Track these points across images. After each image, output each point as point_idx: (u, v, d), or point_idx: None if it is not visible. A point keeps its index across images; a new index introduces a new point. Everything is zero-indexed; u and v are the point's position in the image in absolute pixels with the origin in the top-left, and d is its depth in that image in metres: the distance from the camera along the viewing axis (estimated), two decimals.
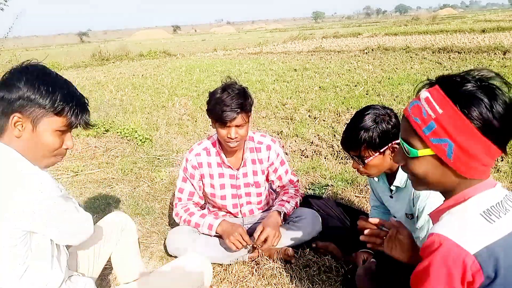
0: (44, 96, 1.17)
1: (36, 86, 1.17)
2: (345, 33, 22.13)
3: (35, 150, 1.21)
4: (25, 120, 1.18)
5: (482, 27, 16.85)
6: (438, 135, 0.92)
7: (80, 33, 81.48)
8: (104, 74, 11.60)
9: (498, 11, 56.00)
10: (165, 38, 48.03)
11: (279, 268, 2.07)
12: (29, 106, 1.17)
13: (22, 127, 1.18)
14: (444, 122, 0.91)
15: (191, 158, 2.23)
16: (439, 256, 0.90)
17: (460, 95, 0.90)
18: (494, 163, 0.97)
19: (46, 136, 1.21)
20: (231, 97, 1.96)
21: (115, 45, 23.85)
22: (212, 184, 2.27)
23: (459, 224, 0.93)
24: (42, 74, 1.22)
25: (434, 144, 0.93)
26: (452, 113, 0.90)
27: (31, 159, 1.21)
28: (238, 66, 11.00)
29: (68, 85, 1.27)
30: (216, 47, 19.59)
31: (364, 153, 1.68)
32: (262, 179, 2.30)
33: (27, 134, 1.19)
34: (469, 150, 0.91)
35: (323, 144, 4.08)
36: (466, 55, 9.51)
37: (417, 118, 0.95)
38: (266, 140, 2.28)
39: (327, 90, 6.73)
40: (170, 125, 5.30)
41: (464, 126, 0.89)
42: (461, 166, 0.93)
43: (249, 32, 51.27)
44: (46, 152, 1.23)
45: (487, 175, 0.98)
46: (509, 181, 2.91)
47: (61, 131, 1.24)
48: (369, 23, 46.59)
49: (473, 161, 0.92)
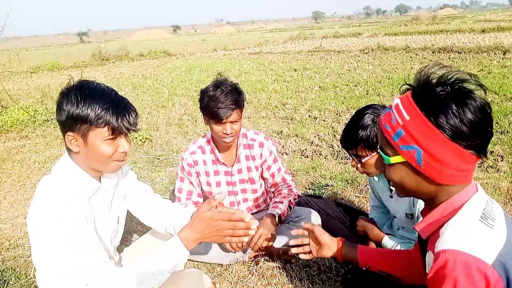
0: (83, 112, 1.23)
1: (75, 103, 1.24)
2: (345, 33, 22.15)
3: (95, 160, 1.31)
4: (77, 137, 1.27)
5: (482, 27, 16.89)
6: (406, 142, 0.91)
7: (80, 33, 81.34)
8: (104, 74, 11.61)
9: (498, 11, 56.03)
10: (165, 38, 48.04)
11: (279, 268, 2.07)
12: (75, 124, 1.25)
13: (77, 143, 1.28)
14: (411, 129, 0.90)
15: (186, 157, 2.25)
16: (462, 273, 0.83)
17: (428, 101, 0.89)
18: (473, 167, 0.92)
19: (98, 147, 1.28)
20: (225, 93, 1.97)
21: (115, 45, 23.87)
22: (209, 182, 2.28)
23: (467, 235, 0.88)
24: (80, 90, 1.26)
25: (403, 151, 0.93)
26: (419, 120, 0.89)
27: (94, 167, 1.34)
28: (238, 66, 11.00)
29: (105, 94, 1.29)
30: (216, 47, 19.60)
31: (361, 152, 1.69)
32: (257, 175, 2.30)
33: (83, 149, 1.29)
34: (438, 156, 0.89)
35: (323, 144, 4.08)
36: (466, 55, 9.52)
37: (387, 126, 0.96)
38: (259, 137, 2.28)
39: (327, 90, 6.73)
40: (170, 125, 5.30)
41: (431, 132, 0.88)
42: (433, 173, 0.92)
43: (249, 32, 51.27)
44: (104, 160, 1.31)
45: (468, 180, 0.95)
46: (509, 181, 2.91)
47: (110, 139, 1.29)
48: (369, 23, 46.60)
49: (444, 167, 0.90)
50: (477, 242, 0.86)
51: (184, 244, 1.32)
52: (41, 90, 8.95)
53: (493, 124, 0.92)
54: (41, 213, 1.23)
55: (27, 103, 6.79)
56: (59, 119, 1.27)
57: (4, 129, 5.21)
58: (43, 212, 1.23)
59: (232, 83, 2.06)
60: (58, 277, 1.21)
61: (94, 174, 1.38)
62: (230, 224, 1.33)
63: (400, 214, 1.84)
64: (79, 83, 1.30)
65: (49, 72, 13.87)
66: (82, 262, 1.22)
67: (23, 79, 11.44)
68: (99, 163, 1.32)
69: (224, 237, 1.34)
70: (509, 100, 5.08)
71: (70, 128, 1.26)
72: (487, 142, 0.91)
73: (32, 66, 15.02)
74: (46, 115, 5.82)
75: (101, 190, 1.43)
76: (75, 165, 1.33)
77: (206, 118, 2.07)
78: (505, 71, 6.97)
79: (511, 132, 3.92)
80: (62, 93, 1.28)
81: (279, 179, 2.34)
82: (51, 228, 1.21)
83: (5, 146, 4.62)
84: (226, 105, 1.95)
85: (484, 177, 3.02)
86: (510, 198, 2.68)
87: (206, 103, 2.00)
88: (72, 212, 1.25)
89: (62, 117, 1.26)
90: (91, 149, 1.28)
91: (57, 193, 1.27)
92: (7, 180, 3.64)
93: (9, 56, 11.55)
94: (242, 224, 1.33)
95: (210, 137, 2.24)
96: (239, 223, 1.33)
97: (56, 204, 1.24)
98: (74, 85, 1.29)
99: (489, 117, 0.90)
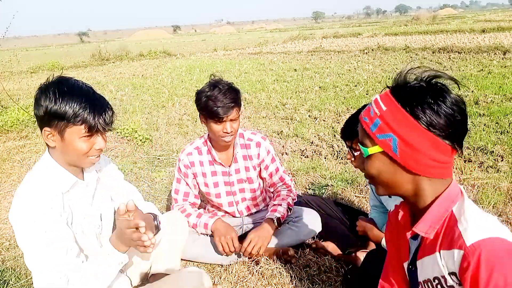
0: (61, 109, 1.26)
1: (53, 100, 1.26)
2: (345, 33, 22.13)
3: (70, 156, 1.35)
4: (53, 132, 1.30)
5: (482, 27, 16.87)
6: (383, 130, 0.95)
7: (80, 33, 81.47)
8: (104, 74, 11.61)
9: (498, 11, 56.00)
10: (165, 38, 48.03)
11: (279, 268, 2.07)
12: (53, 120, 1.28)
13: (54, 138, 1.31)
14: (387, 117, 0.94)
15: (183, 158, 2.25)
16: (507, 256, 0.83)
17: (404, 93, 0.94)
18: (450, 160, 0.94)
19: (74, 144, 1.31)
20: (223, 92, 1.98)
21: (115, 45, 23.87)
22: (206, 183, 2.27)
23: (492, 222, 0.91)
24: (58, 87, 1.28)
25: (380, 140, 0.96)
26: (394, 109, 0.93)
27: (70, 162, 1.38)
28: (238, 66, 11.00)
29: (83, 91, 1.31)
30: (216, 47, 19.59)
31: (356, 145, 1.70)
32: (255, 175, 2.30)
33: (59, 144, 1.32)
34: (413, 143, 0.91)
35: (323, 144, 4.08)
36: (466, 55, 9.52)
37: (366, 118, 1.00)
38: (256, 137, 2.28)
39: (327, 90, 6.73)
40: (170, 125, 5.30)
41: (406, 120, 0.91)
42: (409, 161, 0.93)
43: (249, 32, 51.28)
44: (80, 156, 1.34)
45: (448, 175, 0.96)
46: (509, 181, 2.91)
47: (86, 136, 1.31)
48: (369, 23, 46.59)
49: (419, 155, 0.92)
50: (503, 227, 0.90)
51: (113, 246, 1.39)
52: None
53: (467, 119, 0.94)
54: (19, 211, 1.28)
55: (27, 103, 6.78)
56: (36, 113, 1.30)
57: (4, 129, 5.21)
58: (21, 211, 1.28)
59: (228, 82, 2.07)
60: (41, 274, 1.30)
61: (72, 169, 1.41)
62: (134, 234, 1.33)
63: None
64: (58, 79, 1.32)
65: (49, 72, 13.83)
66: (61, 259, 1.30)
67: (23, 79, 11.44)
68: (75, 158, 1.36)
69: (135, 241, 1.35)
70: (509, 100, 5.08)
71: (48, 124, 1.29)
72: (462, 134, 0.93)
73: (32, 66, 15.02)
74: None
75: (80, 185, 1.45)
76: (53, 161, 1.37)
77: (204, 118, 2.07)
78: (505, 71, 6.97)
79: (511, 132, 3.92)
80: (41, 88, 1.31)
81: (277, 179, 2.34)
82: (29, 227, 1.27)
83: (5, 146, 4.62)
84: (225, 104, 1.96)
85: (484, 177, 3.02)
86: (510, 198, 2.67)
87: (205, 103, 1.99)
88: (48, 209, 1.30)
89: (40, 112, 1.28)
90: (67, 145, 1.31)
91: (34, 189, 1.31)
92: (7, 180, 3.64)
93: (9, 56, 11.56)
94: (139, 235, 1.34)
95: (207, 138, 2.24)
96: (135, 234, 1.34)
97: (32, 202, 1.29)
98: (52, 81, 1.32)
99: (463, 111, 0.92)
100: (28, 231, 1.27)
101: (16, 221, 1.29)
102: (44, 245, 1.28)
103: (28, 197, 1.30)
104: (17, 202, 1.30)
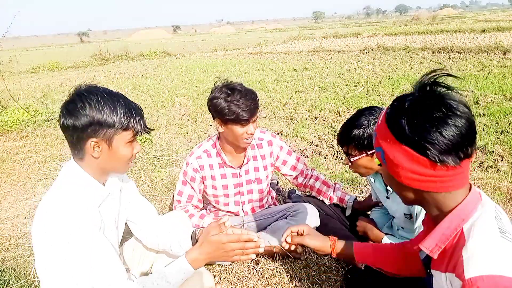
0: (110, 117, 1.24)
1: (100, 109, 1.23)
2: (345, 33, 22.14)
3: (115, 164, 1.33)
4: (100, 142, 1.27)
5: (482, 27, 16.88)
6: (376, 143, 1.01)
7: (80, 33, 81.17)
8: (104, 74, 11.61)
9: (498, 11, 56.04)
10: (165, 38, 48.05)
11: (279, 268, 2.07)
12: (100, 129, 1.25)
13: (100, 149, 1.27)
14: (378, 131, 1.00)
15: (192, 161, 2.21)
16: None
17: (391, 105, 0.97)
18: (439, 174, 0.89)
19: (121, 150, 1.31)
20: (244, 95, 1.95)
21: (115, 45, 23.87)
22: (214, 186, 2.26)
23: (496, 256, 0.85)
24: (100, 95, 1.26)
25: (376, 152, 1.02)
26: (382, 122, 0.98)
27: (112, 170, 1.36)
28: (238, 66, 11.01)
29: (121, 98, 1.30)
30: (216, 47, 19.60)
31: (351, 151, 1.72)
32: (264, 175, 2.30)
33: (104, 153, 1.29)
34: (392, 158, 0.95)
35: (323, 144, 4.08)
36: (466, 55, 9.52)
37: (375, 128, 1.05)
38: (266, 136, 2.29)
39: (327, 90, 6.73)
40: (170, 125, 5.30)
41: (385, 133, 0.95)
42: (394, 174, 0.97)
43: (249, 32, 51.26)
44: (123, 162, 1.34)
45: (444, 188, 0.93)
46: (509, 181, 2.91)
47: (130, 141, 1.32)
48: (369, 23, 46.60)
49: (398, 168, 0.94)
50: (508, 261, 0.84)
51: (192, 266, 1.36)
52: (42, 90, 8.97)
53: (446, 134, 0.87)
54: (55, 228, 1.17)
55: (27, 103, 6.79)
56: (76, 124, 1.22)
57: (4, 129, 5.22)
58: (57, 228, 1.17)
59: (240, 83, 2.05)
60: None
61: (101, 181, 1.37)
62: (239, 245, 1.37)
63: (399, 214, 1.85)
64: (91, 88, 1.28)
65: (49, 72, 13.87)
66: (102, 281, 1.20)
67: (23, 79, 11.44)
68: (117, 166, 1.34)
69: (232, 256, 1.38)
70: (509, 100, 5.08)
71: (93, 134, 1.24)
72: (440, 150, 0.87)
73: (32, 66, 15.04)
74: (46, 115, 5.83)
75: (109, 198, 1.42)
76: (84, 172, 1.31)
77: (223, 122, 1.99)
78: (505, 71, 6.97)
79: (511, 132, 3.92)
80: (75, 98, 1.24)
81: (302, 166, 2.40)
82: (70, 245, 1.16)
83: (5, 146, 4.63)
84: (249, 106, 1.94)
85: (484, 177, 3.02)
86: (510, 198, 2.68)
87: (228, 107, 1.92)
88: (88, 225, 1.20)
89: (81, 123, 1.21)
90: (114, 153, 1.29)
91: (72, 206, 1.21)
92: (7, 180, 3.64)
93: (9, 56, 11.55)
94: (251, 244, 1.38)
95: (215, 140, 2.21)
96: (248, 243, 1.38)
97: (74, 219, 1.18)
98: (86, 90, 1.26)
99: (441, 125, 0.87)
100: (71, 248, 1.16)
101: (53, 238, 1.16)
102: (88, 266, 1.18)
103: (67, 215, 1.18)
104: (53, 218, 1.18)
